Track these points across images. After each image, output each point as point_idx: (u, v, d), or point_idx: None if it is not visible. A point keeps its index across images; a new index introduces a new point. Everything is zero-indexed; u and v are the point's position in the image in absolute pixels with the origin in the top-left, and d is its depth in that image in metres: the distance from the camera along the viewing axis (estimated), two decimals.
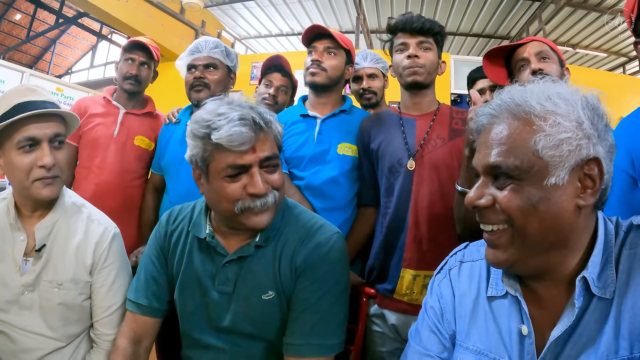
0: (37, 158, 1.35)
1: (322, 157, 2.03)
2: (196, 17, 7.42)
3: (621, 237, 0.90)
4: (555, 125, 0.84)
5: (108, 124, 2.47)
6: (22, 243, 1.42)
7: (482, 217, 0.94)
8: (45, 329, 1.42)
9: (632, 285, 0.84)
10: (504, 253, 0.91)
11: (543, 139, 0.84)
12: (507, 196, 0.87)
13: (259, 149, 1.21)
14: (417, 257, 1.74)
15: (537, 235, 0.86)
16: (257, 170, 1.21)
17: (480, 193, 0.92)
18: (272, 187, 1.25)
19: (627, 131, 0.99)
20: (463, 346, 1.02)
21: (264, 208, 1.23)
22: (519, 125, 0.87)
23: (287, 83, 2.64)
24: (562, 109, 0.86)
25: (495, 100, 0.94)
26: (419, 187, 1.76)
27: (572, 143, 0.84)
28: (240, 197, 1.21)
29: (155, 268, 1.46)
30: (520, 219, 0.86)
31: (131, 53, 2.50)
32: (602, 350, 0.82)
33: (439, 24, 1.85)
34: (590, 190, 0.86)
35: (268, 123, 1.24)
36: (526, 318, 0.92)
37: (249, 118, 1.19)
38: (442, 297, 1.11)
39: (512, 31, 8.33)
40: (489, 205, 0.90)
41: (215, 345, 1.34)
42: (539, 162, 0.84)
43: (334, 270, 1.30)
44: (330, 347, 1.26)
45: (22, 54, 15.30)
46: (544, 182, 0.84)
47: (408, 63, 1.81)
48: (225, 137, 1.15)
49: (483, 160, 0.91)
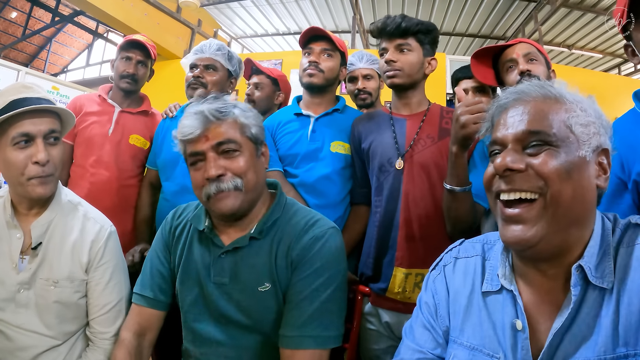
0: (31, 154, 1.35)
1: (315, 154, 2.05)
2: (192, 15, 7.40)
3: (618, 235, 0.91)
4: (584, 110, 0.92)
5: (103, 123, 2.46)
6: (18, 241, 1.43)
7: (511, 183, 0.90)
8: (41, 327, 1.42)
9: (628, 282, 0.84)
10: (532, 228, 0.87)
11: (575, 117, 0.90)
12: (544, 159, 0.87)
13: (212, 137, 1.30)
14: (409, 256, 1.75)
15: (569, 205, 0.86)
16: (212, 156, 1.30)
17: (514, 157, 0.90)
18: (232, 172, 1.30)
19: (617, 134, 1.01)
20: (457, 342, 1.02)
21: (225, 193, 1.29)
22: (553, 103, 0.92)
23: (262, 79, 2.76)
24: (585, 102, 0.94)
25: (521, 85, 0.99)
26: (409, 187, 1.77)
27: (596, 128, 0.91)
28: (202, 184, 1.30)
29: (161, 262, 1.49)
30: (556, 183, 0.86)
31: (128, 51, 2.49)
32: (600, 345, 0.82)
33: (420, 21, 1.84)
34: (603, 176, 0.92)
35: (222, 112, 1.33)
36: (521, 313, 0.92)
37: (200, 111, 1.30)
38: (436, 293, 1.12)
39: (508, 32, 8.35)
40: (522, 169, 0.88)
41: (214, 337, 1.36)
42: (572, 135, 0.89)
43: (329, 263, 1.32)
44: (326, 339, 1.27)
45: (17, 52, 15.24)
46: (577, 153, 0.88)
47: (386, 67, 1.83)
48: (180, 131, 1.32)
49: (517, 128, 0.91)
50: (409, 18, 1.83)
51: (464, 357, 0.99)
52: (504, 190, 0.92)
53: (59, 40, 15.90)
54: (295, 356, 1.25)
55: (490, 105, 1.04)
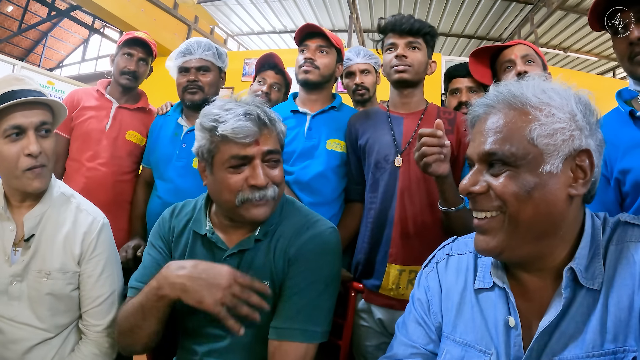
0: (23, 146, 1.36)
1: (311, 152, 2.06)
2: (189, 12, 7.40)
3: (608, 233, 0.92)
4: (550, 116, 0.87)
5: (100, 118, 2.46)
6: (11, 233, 1.43)
7: (475, 204, 0.95)
8: (33, 319, 1.42)
9: (618, 280, 0.85)
10: (494, 239, 0.92)
11: (538, 128, 0.86)
12: (502, 182, 0.88)
13: (262, 143, 1.28)
14: (403, 253, 1.76)
15: (530, 222, 0.87)
16: (259, 163, 1.28)
17: (475, 180, 0.93)
18: (273, 181, 1.30)
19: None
20: (450, 338, 1.03)
21: (263, 201, 1.29)
22: (515, 115, 0.90)
23: (281, 80, 2.66)
24: (557, 102, 0.89)
25: (491, 92, 0.96)
26: (405, 184, 1.79)
27: (566, 133, 0.87)
28: (241, 189, 1.27)
29: (160, 256, 1.46)
30: (514, 205, 0.87)
31: (130, 48, 2.49)
32: (588, 342, 0.83)
33: (429, 24, 1.88)
34: (581, 181, 0.89)
35: (272, 120, 1.32)
36: (513, 310, 0.93)
37: (254, 114, 1.26)
38: (429, 290, 1.13)
39: (504, 34, 8.37)
40: (483, 191, 0.91)
41: (213, 333, 1.36)
42: (534, 149, 0.86)
43: (326, 261, 1.33)
44: (313, 334, 1.28)
45: (13, 46, 15.19)
46: (539, 170, 0.86)
47: (396, 62, 1.84)
48: (231, 129, 1.23)
49: (479, 147, 0.93)
50: (420, 19, 1.86)
51: (457, 353, 1.00)
52: (471, 208, 0.97)
53: (55, 34, 15.86)
54: (282, 347, 1.27)
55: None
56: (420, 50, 1.86)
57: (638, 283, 0.83)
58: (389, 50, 1.88)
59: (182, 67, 2.27)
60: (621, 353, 0.81)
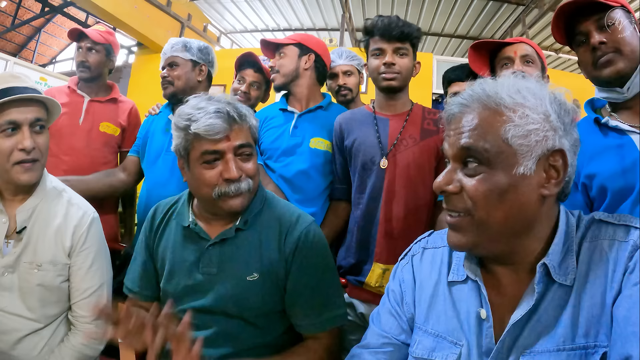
0: (17, 141, 1.40)
1: (294, 150, 2.10)
2: (182, 9, 7.37)
3: (582, 230, 0.93)
4: (523, 117, 0.87)
5: (73, 113, 2.54)
6: (3, 225, 1.46)
7: (447, 203, 0.95)
8: (24, 310, 1.46)
9: (591, 276, 0.87)
10: (464, 236, 0.93)
11: (512, 129, 0.86)
12: (475, 185, 0.88)
13: (233, 138, 1.34)
14: (387, 252, 1.81)
15: (500, 224, 0.88)
16: (232, 157, 1.33)
17: (449, 178, 0.93)
18: (246, 174, 1.36)
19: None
20: (422, 329, 1.05)
21: (238, 193, 1.34)
22: (490, 115, 0.90)
23: (260, 79, 2.66)
24: (531, 102, 0.89)
25: (467, 91, 0.96)
26: (390, 185, 1.82)
27: (539, 134, 0.87)
28: (217, 183, 1.33)
29: (148, 258, 1.54)
30: (484, 208, 0.88)
31: (79, 42, 2.59)
32: (559, 336, 0.84)
33: (417, 27, 1.88)
34: (554, 181, 0.89)
35: (242, 116, 1.37)
36: (485, 302, 0.94)
37: (224, 111, 1.32)
38: (403, 282, 1.15)
39: (496, 34, 8.37)
40: (456, 191, 0.91)
41: (198, 324, 1.38)
42: (508, 149, 0.86)
43: (324, 252, 1.45)
44: (342, 317, 1.44)
45: (6, 41, 15.09)
46: (513, 171, 0.86)
47: (384, 69, 1.85)
48: (202, 127, 1.29)
49: (454, 144, 0.93)
50: (407, 22, 1.87)
51: (428, 343, 1.02)
52: (444, 207, 0.97)
53: (48, 30, 15.78)
54: (320, 338, 1.41)
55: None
56: (408, 56, 1.88)
57: (610, 280, 0.84)
58: (375, 55, 1.89)
59: (161, 66, 2.36)
60: (592, 348, 0.82)
